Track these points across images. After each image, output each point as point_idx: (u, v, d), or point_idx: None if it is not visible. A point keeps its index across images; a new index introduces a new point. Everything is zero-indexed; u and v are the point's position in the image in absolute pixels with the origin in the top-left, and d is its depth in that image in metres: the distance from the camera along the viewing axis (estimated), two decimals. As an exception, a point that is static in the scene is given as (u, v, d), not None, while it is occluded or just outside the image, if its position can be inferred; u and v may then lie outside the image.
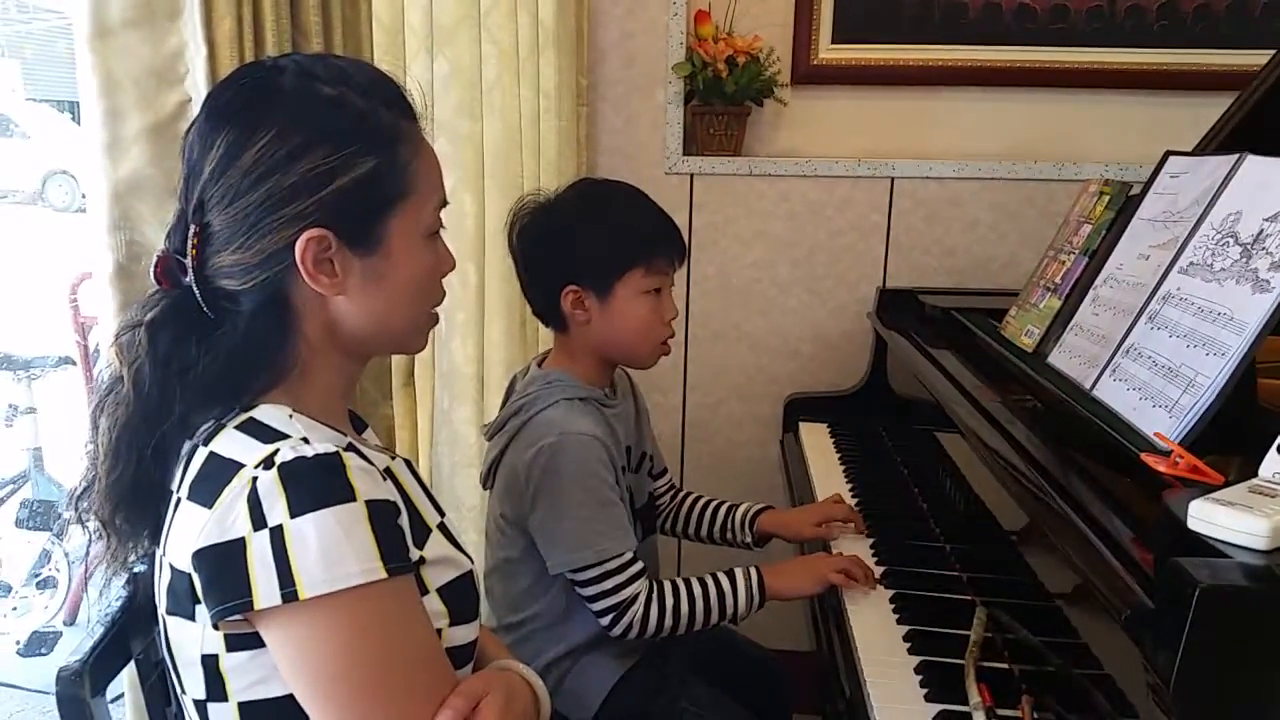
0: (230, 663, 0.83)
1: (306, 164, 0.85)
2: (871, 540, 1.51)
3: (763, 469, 2.28)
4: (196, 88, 1.38)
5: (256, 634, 0.82)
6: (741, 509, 1.63)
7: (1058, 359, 1.34)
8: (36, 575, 2.94)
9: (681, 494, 1.69)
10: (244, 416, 0.86)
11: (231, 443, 0.84)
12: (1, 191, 11.11)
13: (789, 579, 1.40)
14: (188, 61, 1.38)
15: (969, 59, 2.17)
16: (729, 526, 1.63)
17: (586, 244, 1.39)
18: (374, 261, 0.90)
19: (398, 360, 2.05)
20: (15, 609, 2.91)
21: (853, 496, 1.68)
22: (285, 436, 0.83)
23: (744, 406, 2.33)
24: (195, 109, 1.39)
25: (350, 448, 0.85)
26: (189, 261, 0.88)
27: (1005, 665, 1.12)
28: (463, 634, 0.92)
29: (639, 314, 1.39)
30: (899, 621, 1.27)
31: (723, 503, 1.66)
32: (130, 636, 1.00)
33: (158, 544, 0.90)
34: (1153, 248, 1.24)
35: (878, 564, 1.42)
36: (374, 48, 1.75)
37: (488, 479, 1.48)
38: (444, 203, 0.96)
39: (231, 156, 0.85)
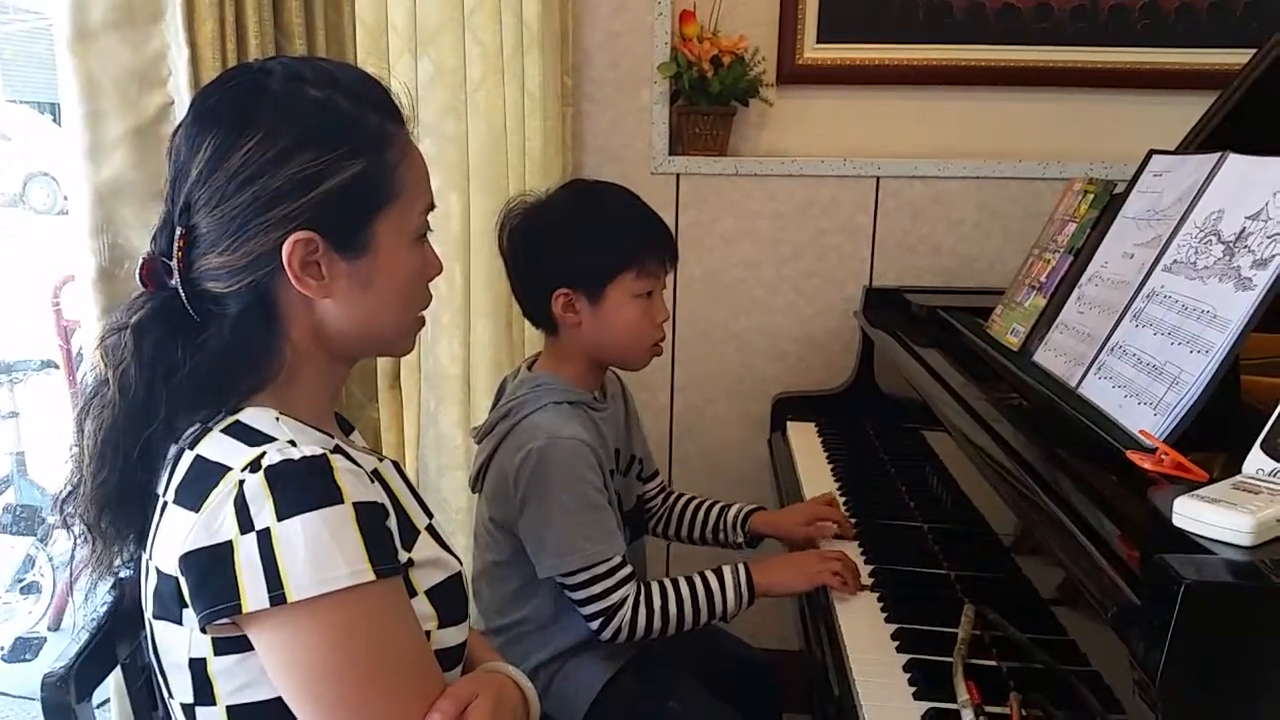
0: (218, 666, 0.83)
1: (294, 167, 0.85)
2: (859, 539, 1.52)
3: (750, 468, 2.28)
4: (179, 90, 1.37)
5: (244, 637, 0.81)
6: (733, 510, 1.63)
7: (1043, 357, 1.35)
8: (20, 580, 2.91)
9: (672, 495, 1.69)
10: (230, 419, 0.86)
11: (218, 446, 0.84)
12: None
13: (778, 576, 1.40)
14: (170, 64, 1.37)
15: (954, 58, 2.18)
16: (720, 527, 1.63)
17: (579, 247, 1.38)
18: (361, 265, 0.89)
19: (384, 362, 2.05)
20: (-2, 614, 2.89)
21: (840, 495, 1.69)
22: (272, 439, 0.83)
23: (731, 406, 2.33)
24: (177, 111, 1.38)
25: (337, 450, 0.85)
26: (175, 264, 0.87)
27: (993, 663, 1.12)
28: (451, 636, 0.92)
29: (630, 317, 1.39)
30: (887, 620, 1.27)
31: (714, 503, 1.66)
32: (116, 641, 1.00)
33: (144, 548, 0.90)
34: (1137, 246, 1.25)
35: (865, 563, 1.43)
36: (357, 49, 1.74)
37: (477, 482, 1.47)
38: (431, 206, 0.96)
39: (219, 159, 0.85)
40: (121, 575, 0.99)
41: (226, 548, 0.79)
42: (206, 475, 0.82)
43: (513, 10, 1.99)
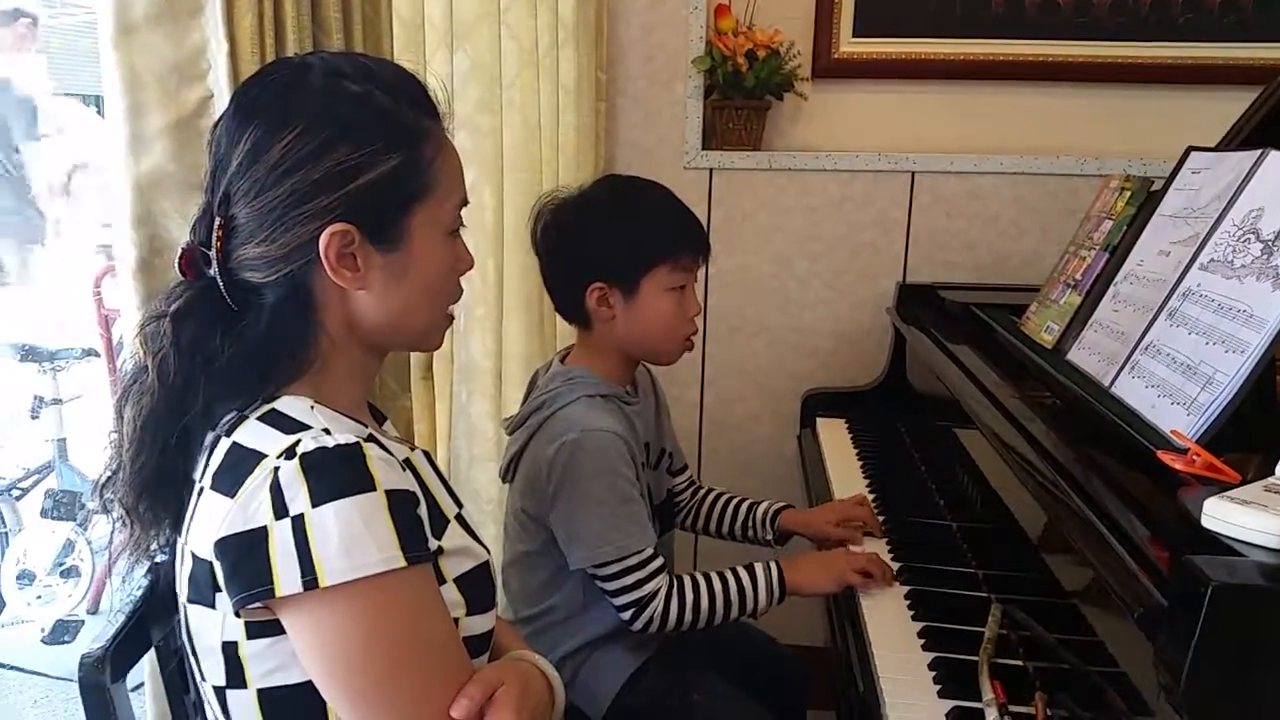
0: (250, 650, 0.85)
1: (332, 160, 0.86)
2: (888, 536, 1.51)
3: (780, 465, 2.28)
4: (218, 84, 1.39)
5: (276, 621, 0.83)
6: (763, 506, 1.63)
7: (1077, 356, 1.34)
8: (60, 564, 2.97)
9: (702, 490, 1.70)
10: (266, 408, 0.88)
11: (254, 433, 0.86)
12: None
13: (808, 575, 1.40)
14: (209, 58, 1.39)
15: (991, 53, 2.16)
16: (750, 524, 1.63)
17: (613, 241, 1.39)
18: (395, 257, 0.91)
19: (417, 353, 2.07)
20: (40, 597, 2.94)
21: (870, 492, 1.68)
22: (307, 427, 0.85)
23: (762, 402, 2.33)
24: (216, 105, 1.41)
25: (371, 438, 0.86)
26: (214, 253, 0.89)
27: (1019, 662, 1.12)
28: (479, 624, 0.93)
29: (663, 311, 1.40)
30: (914, 618, 1.27)
31: (744, 500, 1.66)
32: (151, 625, 1.02)
33: (179, 533, 0.91)
34: (1173, 244, 1.24)
35: (893, 560, 1.42)
36: (394, 43, 1.76)
37: (508, 473, 1.49)
38: (464, 202, 0.97)
39: (259, 151, 0.86)
40: (158, 560, 1.01)
41: (261, 533, 0.80)
42: (242, 462, 0.84)
43: (548, 5, 1.99)
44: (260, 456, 0.83)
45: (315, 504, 0.80)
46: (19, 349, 3.03)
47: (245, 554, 0.80)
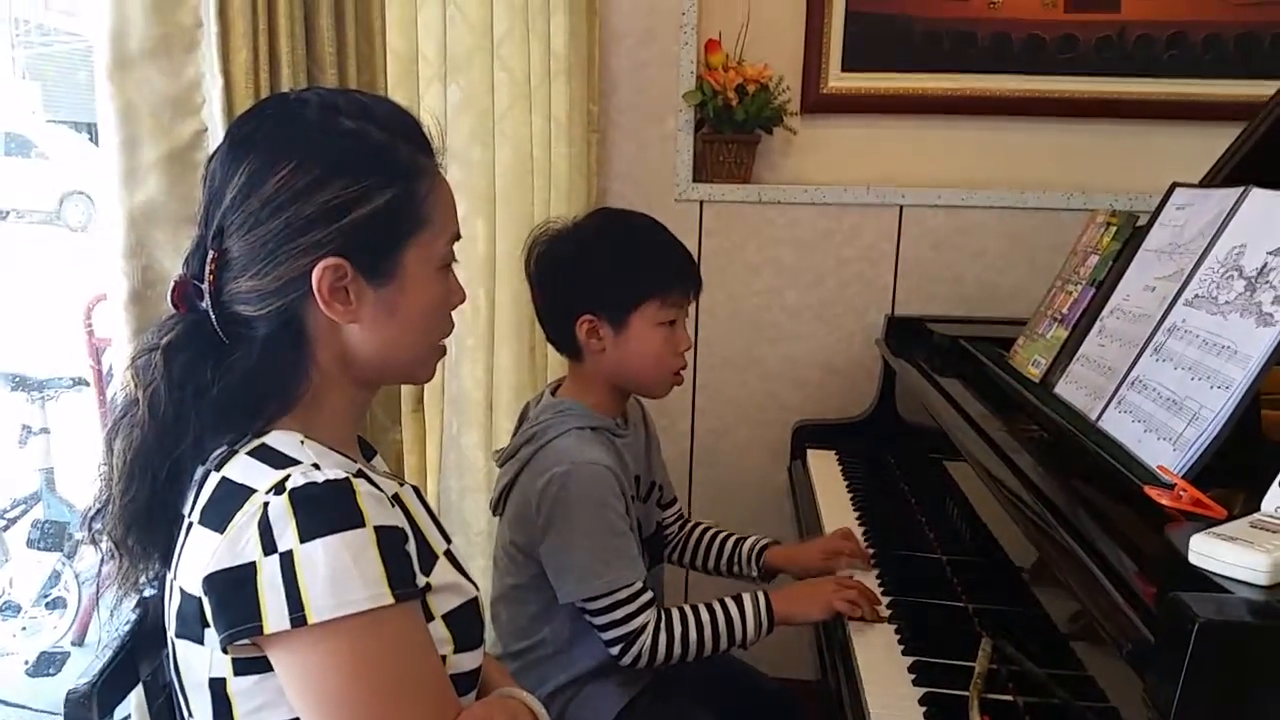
0: (237, 686, 0.84)
1: (326, 194, 0.87)
2: (877, 569, 1.51)
3: (770, 496, 2.28)
4: (213, 118, 1.39)
5: (264, 658, 0.83)
6: (749, 542, 1.62)
7: (1064, 389, 1.34)
8: (46, 596, 2.95)
9: (690, 525, 1.70)
10: (256, 442, 0.88)
11: (243, 468, 0.86)
12: (19, 211, 11.24)
13: (797, 604, 1.40)
14: (204, 92, 1.40)
15: (978, 88, 2.19)
16: (736, 559, 1.62)
17: (605, 274, 1.39)
18: (388, 292, 0.91)
19: (407, 386, 2.06)
20: (24, 629, 2.92)
21: (859, 525, 1.68)
22: (296, 462, 0.85)
23: (752, 433, 2.33)
24: (211, 139, 1.41)
25: (360, 474, 0.86)
26: (206, 286, 0.89)
27: (1009, 697, 1.11)
28: (467, 661, 0.92)
29: (653, 345, 1.40)
30: (904, 652, 1.27)
31: (730, 535, 1.65)
32: (139, 659, 1.01)
33: (168, 567, 0.91)
34: (1158, 279, 1.25)
35: (883, 593, 1.42)
36: (388, 77, 1.77)
37: (498, 506, 1.48)
38: (457, 236, 0.97)
39: (253, 185, 0.87)
40: (146, 594, 1.01)
41: (250, 569, 0.80)
42: (232, 497, 0.84)
43: (540, 38, 2.01)
44: (249, 492, 0.83)
45: (304, 540, 0.79)
46: (8, 378, 3.02)
47: (233, 590, 0.80)
